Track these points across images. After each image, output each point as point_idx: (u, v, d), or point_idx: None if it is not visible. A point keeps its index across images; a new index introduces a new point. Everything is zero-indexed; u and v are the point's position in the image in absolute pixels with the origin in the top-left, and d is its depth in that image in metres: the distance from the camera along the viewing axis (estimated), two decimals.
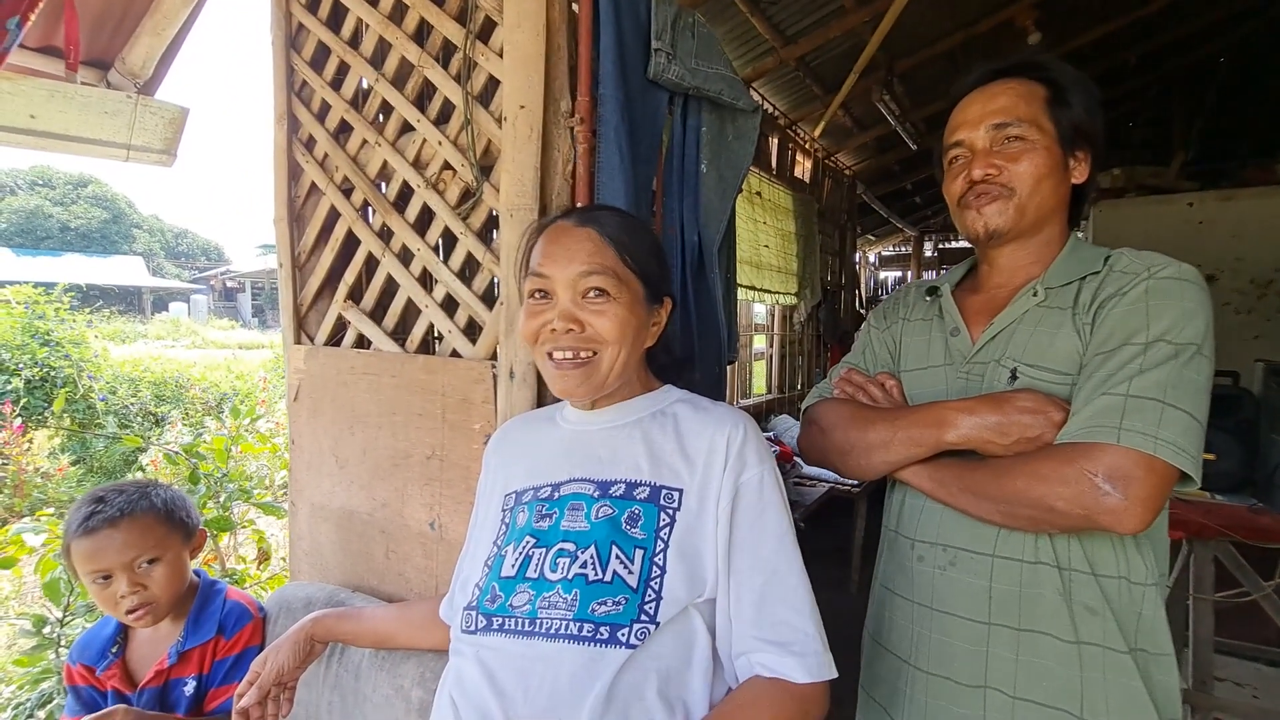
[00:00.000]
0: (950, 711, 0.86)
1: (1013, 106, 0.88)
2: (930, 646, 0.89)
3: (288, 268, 1.61)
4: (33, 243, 27.84)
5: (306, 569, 1.62)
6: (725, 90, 1.42)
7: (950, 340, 0.95)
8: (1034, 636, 0.81)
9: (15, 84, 1.57)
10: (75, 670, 1.24)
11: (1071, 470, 0.73)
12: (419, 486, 1.37)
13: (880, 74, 3.97)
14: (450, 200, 1.35)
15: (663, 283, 0.90)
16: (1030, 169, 0.87)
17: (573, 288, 0.81)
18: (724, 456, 0.80)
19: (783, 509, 0.81)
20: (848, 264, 5.72)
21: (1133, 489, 0.70)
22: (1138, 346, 0.76)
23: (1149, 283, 0.79)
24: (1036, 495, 0.75)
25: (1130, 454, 0.71)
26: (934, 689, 0.87)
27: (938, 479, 0.87)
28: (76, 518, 1.16)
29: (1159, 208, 3.96)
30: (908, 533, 0.94)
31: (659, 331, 0.90)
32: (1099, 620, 0.79)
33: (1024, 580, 0.82)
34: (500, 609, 0.78)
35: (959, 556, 0.87)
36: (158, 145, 1.84)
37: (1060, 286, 0.87)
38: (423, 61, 1.36)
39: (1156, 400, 0.72)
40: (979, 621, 0.84)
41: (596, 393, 0.85)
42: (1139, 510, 0.70)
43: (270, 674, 0.99)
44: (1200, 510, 1.87)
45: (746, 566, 0.77)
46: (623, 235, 0.84)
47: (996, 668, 0.83)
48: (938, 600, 0.88)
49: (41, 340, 5.94)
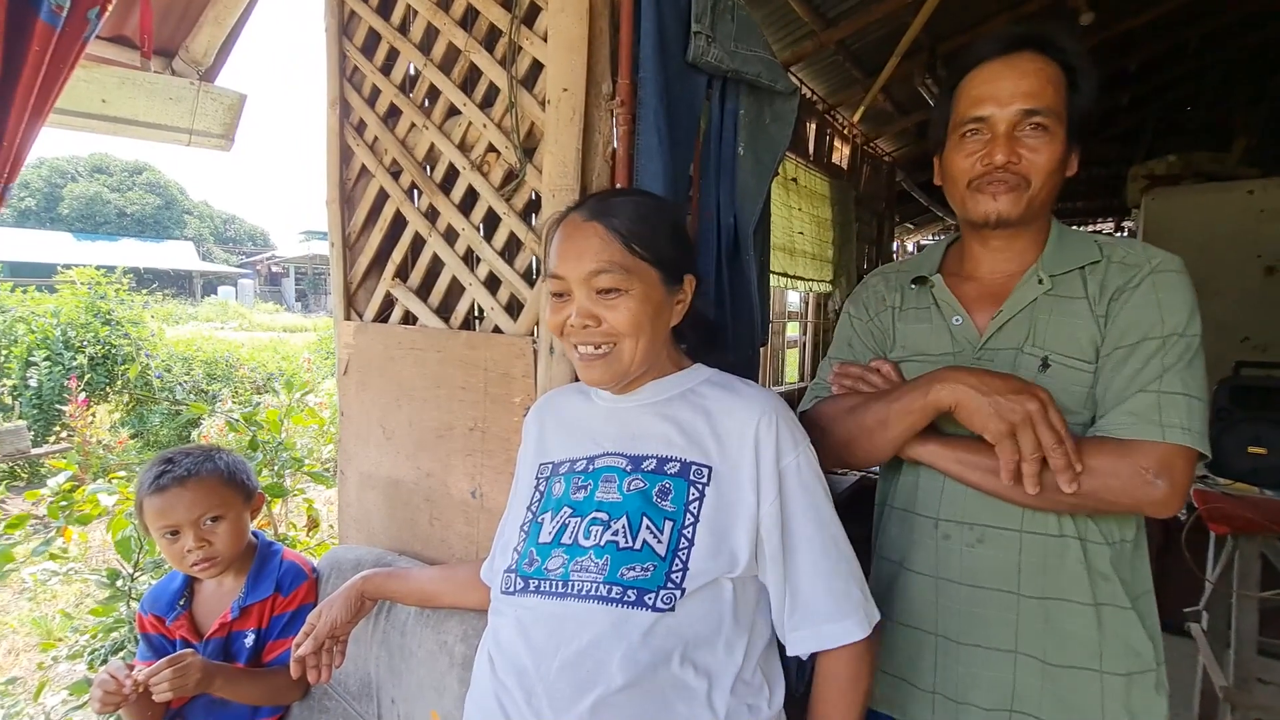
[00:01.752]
0: (984, 677, 0.90)
1: (1043, 91, 0.85)
2: (959, 618, 0.92)
3: (339, 247, 1.69)
4: (92, 228, 29.15)
5: (354, 533, 1.70)
6: (764, 73, 1.43)
7: (954, 329, 0.95)
8: (1059, 604, 0.86)
9: (90, 71, 1.67)
10: (147, 620, 1.34)
11: (1125, 465, 0.79)
12: (461, 457, 1.43)
13: (923, 57, 3.88)
14: (494, 182, 1.40)
15: (683, 262, 0.90)
16: (1047, 162, 0.86)
17: (585, 285, 0.83)
18: (758, 441, 0.83)
19: (822, 488, 0.86)
20: (885, 252, 5.63)
21: (1176, 479, 0.79)
22: (1156, 341, 0.82)
23: (1154, 277, 0.85)
24: (1089, 487, 0.80)
25: (1174, 449, 0.79)
26: (965, 657, 0.91)
27: (963, 460, 0.88)
28: (148, 477, 1.25)
29: (1217, 195, 3.79)
30: (927, 511, 0.95)
31: (684, 309, 0.91)
32: (1110, 583, 0.86)
33: (1048, 552, 0.87)
34: (537, 572, 0.83)
35: (986, 534, 0.90)
36: (217, 130, 1.94)
37: (1063, 274, 0.90)
38: (469, 46, 1.40)
39: (1184, 395, 0.80)
40: (1008, 592, 0.88)
41: (621, 380, 0.87)
42: (1179, 497, 0.79)
43: (324, 626, 1.06)
44: (1247, 505, 1.81)
45: (804, 548, 0.82)
46: (632, 225, 0.84)
47: (1026, 635, 0.87)
48: (966, 575, 0.91)
49: (103, 319, 6.25)
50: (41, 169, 30.45)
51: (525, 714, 0.76)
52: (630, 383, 0.90)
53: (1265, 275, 3.66)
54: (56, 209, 29.53)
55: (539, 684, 0.77)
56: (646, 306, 0.84)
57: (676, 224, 0.91)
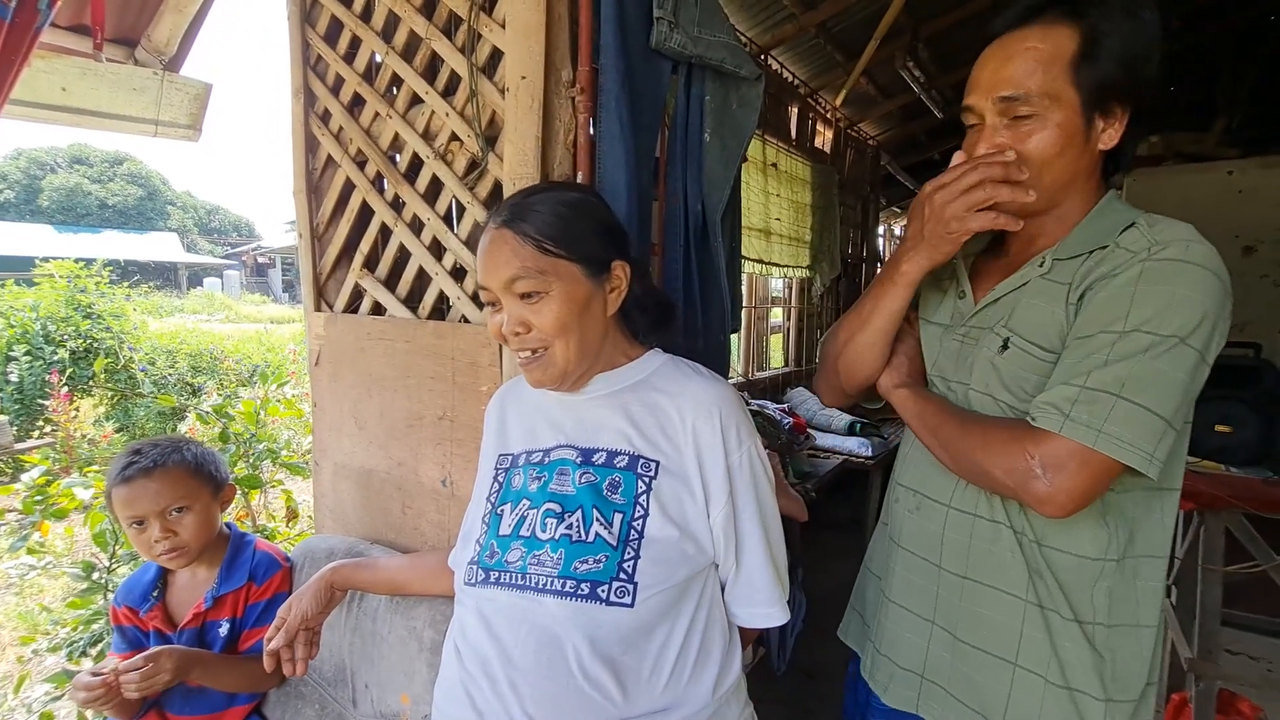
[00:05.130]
0: (905, 638, 0.95)
1: (1026, 76, 0.77)
2: (896, 579, 0.97)
3: (307, 238, 1.68)
4: (73, 220, 28.69)
5: (330, 524, 1.71)
6: (728, 59, 1.42)
7: (957, 302, 0.95)
8: (978, 587, 0.86)
9: (49, 62, 1.65)
10: (120, 612, 1.35)
11: (1015, 448, 0.75)
12: (432, 446, 1.44)
13: (905, 39, 3.87)
14: (458, 170, 1.39)
15: (608, 250, 0.88)
16: (1038, 149, 0.79)
17: (507, 292, 0.84)
18: (706, 437, 0.85)
19: (768, 478, 0.90)
20: (871, 237, 5.64)
21: (1060, 479, 0.72)
22: (1112, 335, 0.72)
23: (1145, 265, 0.74)
24: (980, 457, 0.79)
25: (1068, 445, 0.72)
26: (894, 615, 0.97)
27: (915, 412, 0.91)
28: (116, 467, 1.26)
29: (1196, 176, 3.82)
30: (897, 477, 1.02)
31: (619, 296, 0.90)
32: (1044, 584, 0.81)
33: (975, 533, 0.86)
34: (497, 564, 0.85)
35: (923, 503, 0.94)
36: (184, 120, 1.91)
37: (1069, 259, 0.82)
38: (430, 34, 1.39)
39: (1110, 394, 0.71)
40: (932, 563, 0.91)
41: (562, 380, 0.88)
42: (1062, 499, 0.72)
43: (295, 619, 1.07)
44: (1212, 482, 1.85)
45: (750, 543, 0.88)
46: (544, 226, 0.83)
47: (943, 608, 0.90)
48: (906, 539, 0.96)
49: (84, 313, 6.18)
50: (20, 160, 29.89)
51: (491, 702, 0.79)
52: (577, 381, 0.91)
53: (1244, 255, 3.70)
54: (36, 201, 29.02)
55: (502, 673, 0.79)
56: (571, 305, 0.84)
57: (595, 215, 0.90)
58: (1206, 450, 2.02)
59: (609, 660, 0.78)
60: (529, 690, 0.78)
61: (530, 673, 0.78)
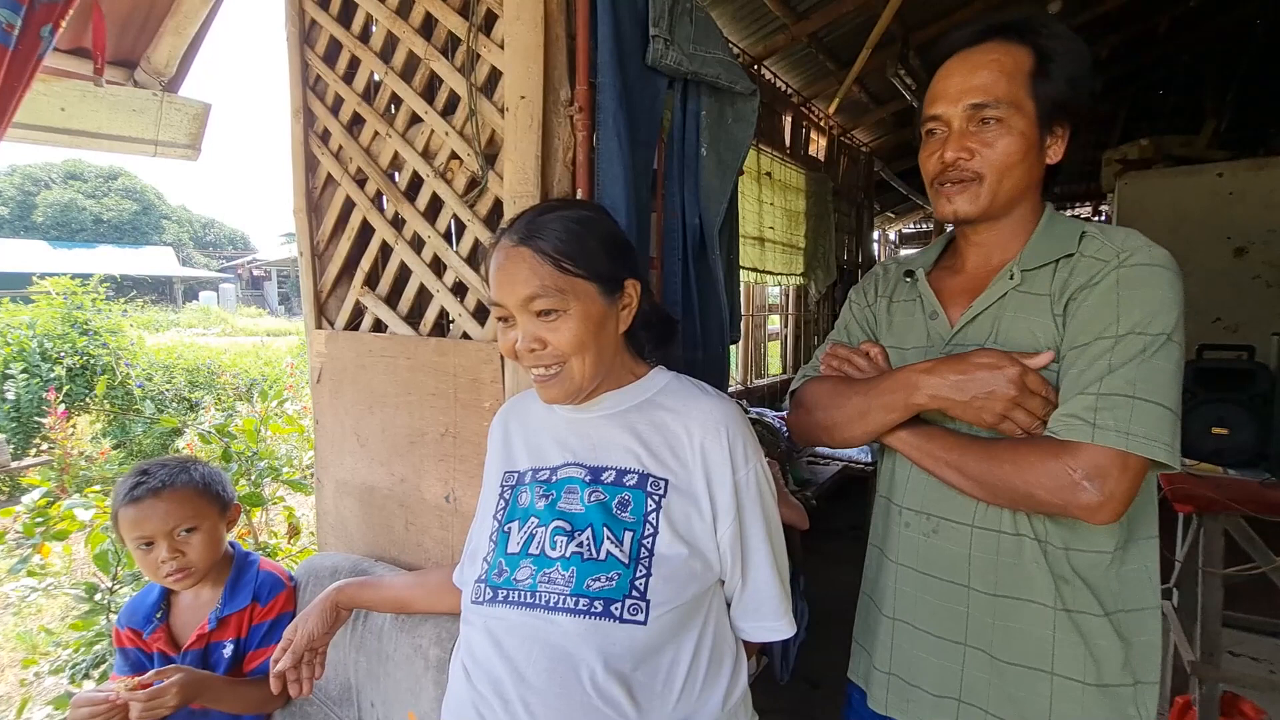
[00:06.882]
0: (931, 663, 0.92)
1: (993, 84, 0.84)
2: (917, 605, 0.94)
3: (307, 256, 1.69)
4: (68, 235, 28.60)
5: (333, 541, 1.71)
6: (723, 74, 1.44)
7: (930, 324, 0.96)
8: (1008, 602, 0.86)
9: (49, 85, 1.66)
10: (123, 634, 1.34)
11: (1055, 464, 0.76)
12: (434, 462, 1.45)
13: (896, 48, 3.91)
14: (458, 189, 1.41)
15: (620, 269, 0.89)
16: (1003, 155, 0.85)
17: (524, 310, 0.84)
18: (713, 456, 0.86)
19: (772, 495, 0.91)
20: (865, 242, 5.67)
21: (1108, 485, 0.74)
22: (1109, 341, 0.77)
23: (1119, 271, 0.80)
24: (1018, 482, 0.79)
25: (1106, 452, 0.74)
26: (919, 642, 0.94)
27: (922, 448, 0.90)
28: (123, 488, 1.25)
29: (1187, 179, 3.86)
30: (897, 499, 0.98)
31: (631, 314, 0.91)
32: (1072, 588, 0.83)
33: (1001, 549, 0.86)
34: (505, 582, 0.85)
35: (941, 525, 0.92)
36: (183, 140, 1.93)
37: (1036, 269, 0.87)
38: (429, 54, 1.40)
39: (1126, 396, 0.75)
40: (960, 585, 0.90)
41: (576, 396, 0.88)
42: (1112, 505, 0.74)
43: (301, 640, 1.07)
44: (1210, 485, 1.86)
45: (756, 559, 0.89)
46: (561, 244, 0.83)
47: (975, 628, 0.88)
48: (923, 564, 0.94)
49: (80, 329, 6.16)
50: (14, 176, 29.84)
51: None
52: (587, 395, 0.91)
53: (1235, 256, 3.73)
54: (30, 217, 28.95)
55: (515, 693, 0.79)
56: (588, 323, 0.84)
57: (609, 233, 0.90)
58: (1204, 453, 2.04)
59: (622, 677, 0.78)
60: (542, 709, 0.78)
61: (543, 692, 0.78)
